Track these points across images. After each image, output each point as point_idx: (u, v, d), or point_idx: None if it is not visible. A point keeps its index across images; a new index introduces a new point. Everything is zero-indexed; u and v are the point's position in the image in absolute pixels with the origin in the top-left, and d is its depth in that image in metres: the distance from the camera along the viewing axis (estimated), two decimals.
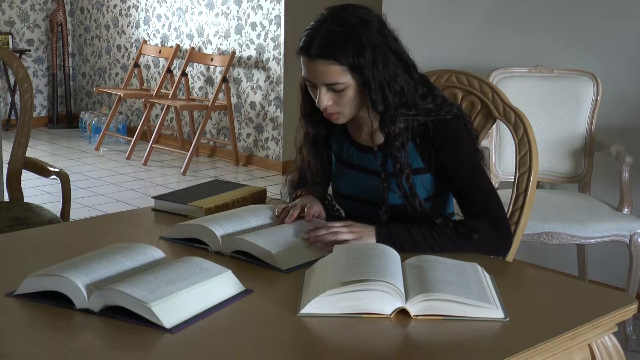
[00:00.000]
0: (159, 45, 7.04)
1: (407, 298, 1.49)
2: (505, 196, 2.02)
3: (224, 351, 1.36)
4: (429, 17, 4.37)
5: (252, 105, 6.41)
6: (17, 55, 6.52)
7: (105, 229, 2.09)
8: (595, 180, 3.62)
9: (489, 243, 1.86)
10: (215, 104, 6.38)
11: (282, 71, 6.13)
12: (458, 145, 1.93)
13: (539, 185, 3.69)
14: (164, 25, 7.05)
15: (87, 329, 1.45)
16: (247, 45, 6.37)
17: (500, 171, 3.63)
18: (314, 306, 1.47)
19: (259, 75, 6.33)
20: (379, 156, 1.96)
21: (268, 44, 6.21)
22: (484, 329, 1.45)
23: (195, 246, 1.84)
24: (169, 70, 6.78)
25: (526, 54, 3.93)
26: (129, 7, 7.36)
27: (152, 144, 6.48)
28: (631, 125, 3.67)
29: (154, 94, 6.69)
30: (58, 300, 1.49)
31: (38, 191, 5.22)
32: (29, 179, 3.65)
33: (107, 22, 7.61)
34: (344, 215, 2.09)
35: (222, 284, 1.55)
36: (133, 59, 7.22)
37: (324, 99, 1.88)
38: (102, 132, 6.91)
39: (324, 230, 1.81)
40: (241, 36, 6.40)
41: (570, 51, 3.85)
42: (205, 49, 6.69)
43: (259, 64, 6.31)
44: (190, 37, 6.81)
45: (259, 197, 2.24)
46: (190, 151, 6.24)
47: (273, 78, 6.22)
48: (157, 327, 1.40)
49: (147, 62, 7.24)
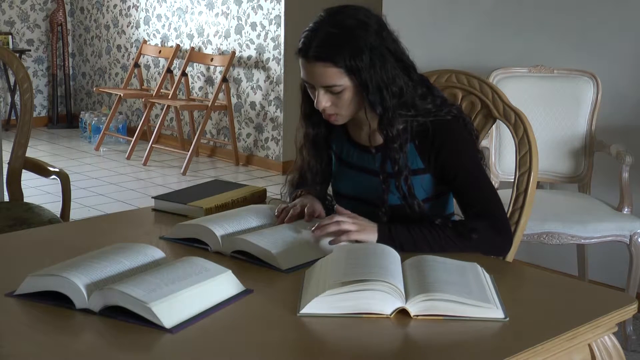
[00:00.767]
0: (159, 45, 7.04)
1: (407, 298, 1.49)
2: (505, 196, 2.02)
3: (224, 351, 1.36)
4: (429, 17, 4.37)
5: (252, 105, 6.41)
6: (17, 55, 6.51)
7: (105, 229, 2.09)
8: (595, 180, 3.62)
9: (490, 243, 1.87)
10: (215, 104, 6.38)
11: (282, 71, 6.14)
12: (458, 146, 1.93)
13: (539, 185, 3.69)
14: (164, 25, 7.04)
15: (87, 329, 1.45)
16: (247, 45, 6.37)
17: (500, 171, 3.63)
18: (314, 306, 1.47)
19: (259, 75, 6.33)
20: (378, 157, 1.96)
21: (268, 44, 6.21)
22: (484, 329, 1.45)
23: (195, 246, 1.84)
24: (169, 70, 6.78)
25: (526, 54, 3.93)
26: (129, 7, 7.36)
27: (152, 144, 6.48)
28: (631, 125, 3.67)
29: (154, 94, 6.69)
30: (58, 300, 1.49)
31: (38, 191, 5.21)
32: (29, 179, 3.65)
33: (107, 22, 7.61)
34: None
35: (222, 284, 1.55)
36: (133, 59, 7.22)
37: (322, 101, 1.88)
38: (102, 132, 6.91)
39: (328, 220, 1.81)
40: (241, 36, 6.40)
41: (570, 51, 3.85)
42: (205, 49, 6.69)
43: (259, 64, 6.31)
44: (190, 37, 6.81)
45: (259, 197, 2.24)
46: (190, 151, 6.24)
47: (273, 78, 6.22)
48: (157, 327, 1.40)
49: (147, 62, 7.24)
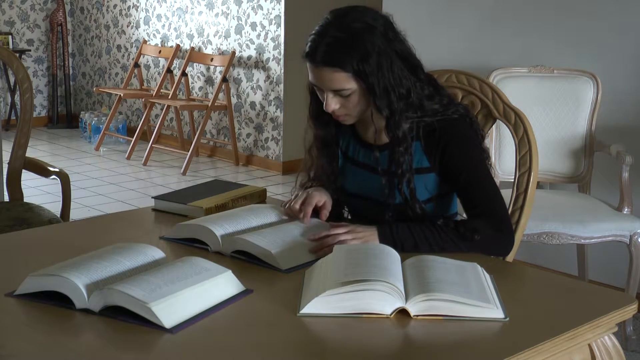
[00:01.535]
0: (159, 45, 7.04)
1: (407, 298, 1.49)
2: (505, 196, 2.01)
3: (224, 351, 1.36)
4: (429, 17, 4.37)
5: (252, 105, 6.41)
6: (17, 55, 6.51)
7: (105, 229, 2.09)
8: (595, 180, 3.62)
9: (491, 243, 1.87)
10: (215, 104, 6.38)
11: (282, 71, 6.13)
12: (463, 144, 1.94)
13: (539, 185, 3.69)
14: (164, 25, 7.04)
15: (87, 329, 1.45)
16: (247, 45, 6.37)
17: (500, 171, 3.62)
18: (314, 306, 1.47)
19: (259, 75, 6.32)
20: (383, 156, 1.96)
21: (268, 44, 6.21)
22: (484, 329, 1.45)
23: (195, 246, 1.84)
24: (169, 70, 6.78)
25: (526, 54, 3.93)
26: (129, 7, 7.36)
27: (152, 144, 6.48)
28: (631, 125, 3.67)
29: (154, 94, 6.69)
30: (58, 300, 1.49)
31: (38, 191, 5.21)
32: (29, 179, 3.65)
33: (107, 22, 7.60)
34: (349, 217, 2.10)
35: (222, 284, 1.55)
36: (133, 59, 7.21)
37: (332, 104, 1.89)
38: (102, 132, 6.91)
39: (325, 233, 1.81)
40: (241, 36, 6.40)
41: (570, 51, 3.85)
42: (205, 49, 6.69)
43: (259, 64, 6.31)
44: (190, 37, 6.81)
45: (259, 197, 2.24)
46: (190, 151, 6.24)
47: (273, 78, 6.22)
48: (157, 327, 1.40)
49: (147, 62, 7.23)
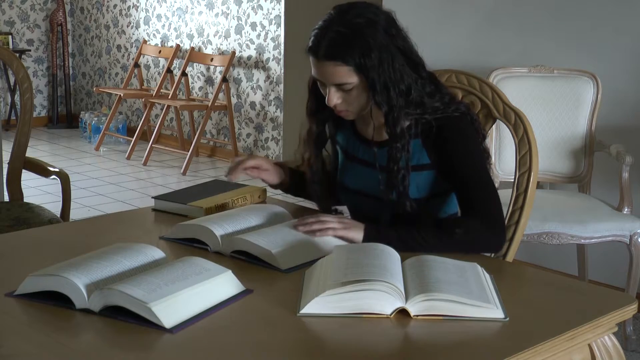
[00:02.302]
0: (159, 45, 7.04)
1: (407, 298, 1.49)
2: (505, 196, 2.02)
3: (224, 351, 1.36)
4: (429, 17, 4.37)
5: (252, 105, 6.41)
6: (17, 55, 6.51)
7: (105, 229, 2.09)
8: (595, 180, 3.61)
9: (480, 240, 1.86)
10: (215, 104, 6.38)
11: (282, 71, 6.13)
12: (462, 142, 1.94)
13: (539, 185, 3.69)
14: (164, 25, 7.04)
15: (87, 329, 1.45)
16: (247, 45, 6.37)
17: (500, 171, 3.62)
18: (314, 306, 1.47)
19: (259, 75, 6.33)
20: (382, 153, 1.97)
21: (268, 44, 6.21)
22: (484, 329, 1.45)
23: (195, 246, 1.84)
24: (169, 70, 6.78)
25: (526, 54, 3.93)
26: (129, 7, 7.36)
27: (152, 144, 6.48)
28: (631, 125, 3.67)
29: (154, 94, 6.69)
30: (58, 300, 1.49)
31: (38, 191, 5.21)
32: (29, 179, 3.65)
33: (107, 22, 7.60)
34: (349, 216, 2.10)
35: (222, 284, 1.55)
36: (133, 59, 7.21)
37: (334, 98, 1.91)
38: (102, 132, 6.91)
39: (313, 219, 1.82)
40: (241, 36, 6.40)
41: (570, 51, 3.85)
42: (205, 49, 6.69)
43: (259, 64, 6.31)
44: (190, 37, 6.81)
45: (259, 197, 2.25)
46: (190, 151, 6.24)
47: (273, 78, 6.22)
48: (157, 327, 1.40)
49: (147, 62, 7.23)
